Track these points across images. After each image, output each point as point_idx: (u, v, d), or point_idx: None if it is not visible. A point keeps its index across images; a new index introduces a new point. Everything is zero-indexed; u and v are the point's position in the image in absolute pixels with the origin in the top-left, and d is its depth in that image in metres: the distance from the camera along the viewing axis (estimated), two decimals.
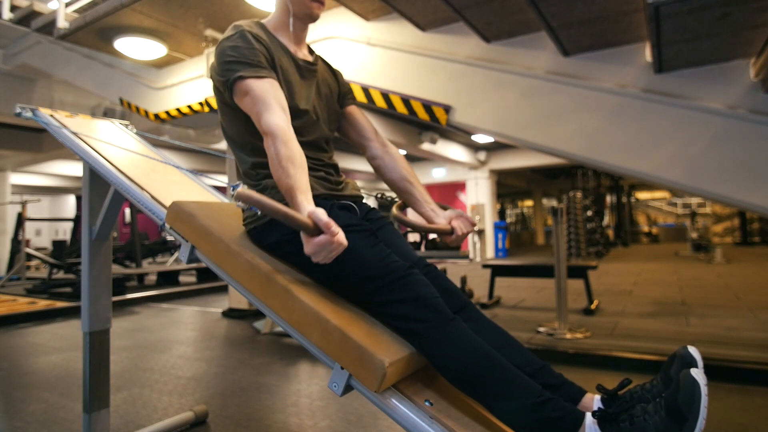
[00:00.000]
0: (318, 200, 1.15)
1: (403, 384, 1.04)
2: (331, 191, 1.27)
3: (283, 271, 1.15)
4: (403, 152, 12.03)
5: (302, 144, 1.23)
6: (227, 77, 1.15)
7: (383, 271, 1.08)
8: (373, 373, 0.96)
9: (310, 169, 1.22)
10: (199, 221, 1.25)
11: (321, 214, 0.94)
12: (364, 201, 1.38)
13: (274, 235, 1.18)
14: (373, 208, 1.36)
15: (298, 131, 1.22)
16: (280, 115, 1.10)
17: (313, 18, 1.30)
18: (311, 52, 1.39)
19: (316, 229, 0.93)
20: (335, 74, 1.44)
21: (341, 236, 0.95)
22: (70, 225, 12.22)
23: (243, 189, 0.95)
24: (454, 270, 8.67)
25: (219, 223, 1.27)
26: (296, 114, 1.22)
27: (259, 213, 1.11)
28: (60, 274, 8.12)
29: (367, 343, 0.98)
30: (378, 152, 1.42)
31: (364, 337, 1.00)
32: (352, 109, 1.45)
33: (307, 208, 0.98)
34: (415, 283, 1.07)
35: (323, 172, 1.28)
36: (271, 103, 1.11)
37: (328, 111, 1.35)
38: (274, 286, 1.11)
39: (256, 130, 1.17)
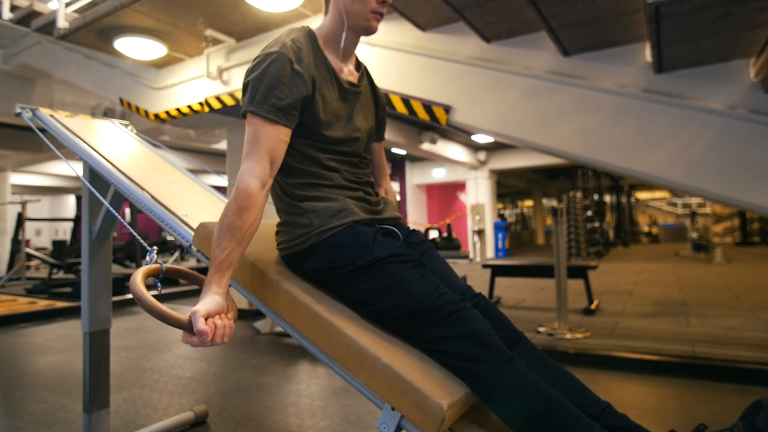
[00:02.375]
0: (360, 227, 1.13)
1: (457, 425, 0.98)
2: (372, 215, 1.20)
3: (325, 303, 1.08)
4: (403, 152, 12.03)
5: (341, 162, 1.20)
6: (243, 103, 1.09)
7: (434, 305, 1.02)
8: (430, 417, 0.89)
9: (347, 189, 1.19)
10: None
11: (199, 319, 0.90)
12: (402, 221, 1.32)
13: (314, 261, 1.12)
14: (414, 230, 1.29)
15: (337, 151, 1.19)
16: (260, 171, 1.04)
17: (371, 32, 1.20)
18: (358, 66, 1.31)
19: (191, 328, 0.92)
20: (376, 99, 1.36)
21: (221, 334, 0.93)
22: (70, 225, 12.23)
23: (135, 280, 0.96)
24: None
25: (251, 246, 1.19)
26: (332, 141, 1.17)
27: (298, 239, 1.13)
28: (60, 274, 8.13)
29: (422, 384, 0.92)
30: None
31: (417, 377, 0.94)
32: (376, 146, 1.42)
33: (208, 293, 0.97)
34: (469, 318, 1.01)
35: (362, 192, 1.22)
36: (261, 153, 1.05)
37: (367, 135, 1.29)
38: (316, 319, 1.04)
39: (295, 150, 1.14)
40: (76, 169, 1.87)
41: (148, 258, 1.12)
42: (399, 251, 1.09)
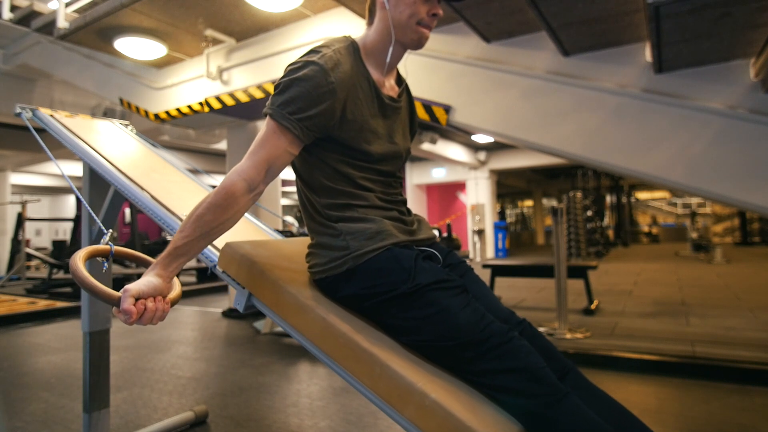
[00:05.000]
0: (400, 249, 1.07)
1: None
2: (409, 236, 1.13)
3: (364, 331, 1.02)
4: None
5: (375, 182, 1.14)
6: (267, 103, 1.04)
7: (481, 335, 0.96)
8: None
9: (382, 208, 1.13)
10: (259, 267, 1.13)
11: (127, 298, 0.90)
12: (437, 240, 1.25)
13: (351, 287, 1.06)
14: (450, 251, 1.22)
15: (373, 170, 1.14)
16: (251, 174, 1.00)
17: (421, 45, 1.14)
18: (399, 80, 1.25)
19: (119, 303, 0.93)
20: (412, 115, 1.31)
21: (150, 317, 0.93)
22: (70, 225, 12.23)
23: (76, 256, 0.99)
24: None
25: (280, 268, 1.16)
26: (371, 159, 1.12)
27: (333, 262, 1.08)
28: (60, 274, 8.12)
29: (474, 423, 0.86)
30: None
31: (468, 415, 0.88)
32: None
33: (149, 274, 0.97)
34: (520, 350, 0.95)
35: (396, 212, 1.16)
36: (261, 157, 1.01)
37: (405, 153, 1.24)
38: (355, 349, 0.98)
39: (329, 167, 1.10)
40: (75, 169, 1.86)
41: (102, 240, 1.14)
42: (443, 277, 1.03)
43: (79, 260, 0.98)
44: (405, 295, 1.01)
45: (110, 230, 1.19)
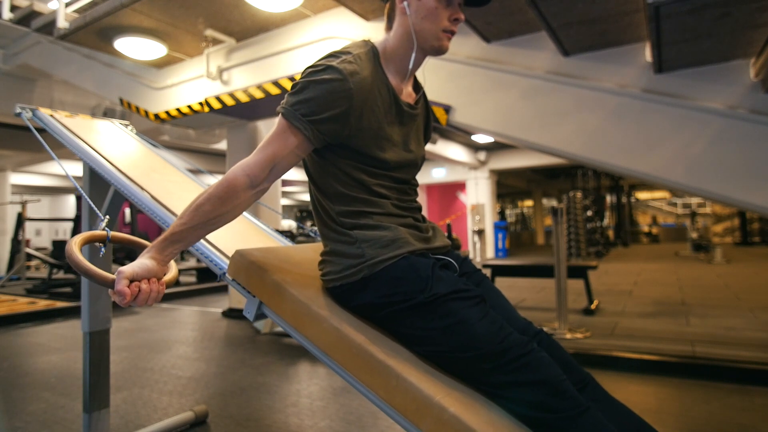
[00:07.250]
0: (417, 258, 1.04)
1: None
2: (425, 243, 1.11)
3: (379, 342, 1.00)
4: None
5: (390, 189, 1.12)
6: (282, 101, 1.03)
7: (500, 347, 0.94)
8: None
9: (397, 216, 1.11)
10: (271, 276, 1.10)
11: (121, 280, 0.93)
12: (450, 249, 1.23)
13: (366, 295, 1.04)
14: (466, 259, 1.19)
15: (388, 177, 1.12)
16: (255, 171, 1.00)
17: (442, 52, 1.11)
18: (416, 87, 1.23)
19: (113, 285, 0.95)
20: (427, 122, 1.28)
21: (144, 299, 0.96)
22: (70, 225, 12.23)
23: (72, 241, 1.02)
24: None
25: (291, 275, 1.13)
26: (386, 166, 1.10)
27: (348, 270, 1.06)
28: (60, 274, 8.13)
29: None
30: None
31: (488, 429, 0.86)
32: None
33: (144, 256, 0.99)
34: (539, 363, 0.94)
35: (411, 219, 1.14)
36: (267, 155, 1.01)
37: (420, 161, 1.22)
38: (370, 361, 0.95)
39: (344, 174, 1.08)
40: (75, 170, 1.86)
41: (99, 227, 1.18)
42: (460, 287, 1.01)
43: (74, 245, 1.01)
44: (422, 304, 0.99)
45: (107, 216, 1.20)
